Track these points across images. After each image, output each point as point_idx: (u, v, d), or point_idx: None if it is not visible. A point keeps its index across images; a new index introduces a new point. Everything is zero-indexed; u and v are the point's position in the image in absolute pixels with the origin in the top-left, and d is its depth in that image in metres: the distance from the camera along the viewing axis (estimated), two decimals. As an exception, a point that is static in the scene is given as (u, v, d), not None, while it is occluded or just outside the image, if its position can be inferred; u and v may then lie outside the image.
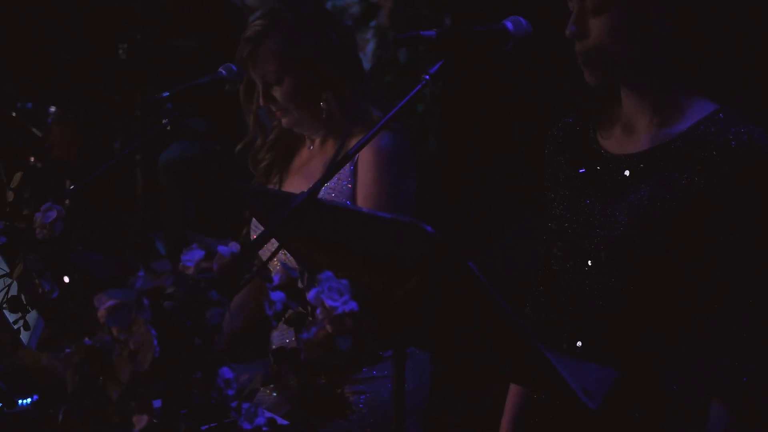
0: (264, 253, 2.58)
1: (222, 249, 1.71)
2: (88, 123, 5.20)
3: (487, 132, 5.17)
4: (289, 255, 2.40)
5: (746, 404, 2.05)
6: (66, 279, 2.32)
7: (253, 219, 2.89)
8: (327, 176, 1.80)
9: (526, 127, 5.02)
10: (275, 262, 2.47)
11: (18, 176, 2.36)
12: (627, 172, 2.18)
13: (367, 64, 5.31)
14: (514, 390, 2.40)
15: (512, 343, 1.68)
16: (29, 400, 2.30)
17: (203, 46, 5.31)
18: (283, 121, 2.86)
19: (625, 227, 2.13)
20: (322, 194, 1.81)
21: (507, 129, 5.13)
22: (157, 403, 1.62)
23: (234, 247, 1.72)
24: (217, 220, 5.58)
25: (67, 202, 4.60)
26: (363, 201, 2.73)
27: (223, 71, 2.72)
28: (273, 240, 2.00)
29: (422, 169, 4.82)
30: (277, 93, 2.81)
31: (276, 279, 1.73)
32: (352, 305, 1.65)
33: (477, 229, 5.30)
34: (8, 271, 2.36)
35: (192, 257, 1.72)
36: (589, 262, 2.17)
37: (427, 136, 5.09)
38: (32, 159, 4.91)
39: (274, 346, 2.88)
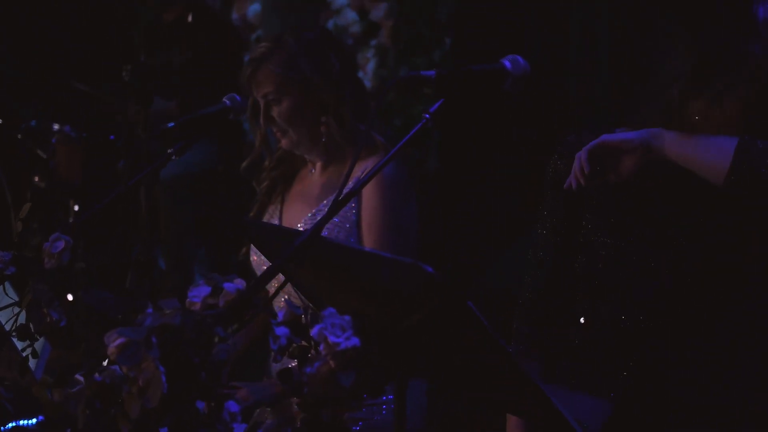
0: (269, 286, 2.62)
1: (228, 286, 1.76)
2: (92, 142, 5.23)
3: (487, 149, 5.21)
4: (293, 290, 2.44)
5: None
6: (70, 297, 2.36)
7: (254, 242, 2.94)
8: (331, 214, 1.86)
9: (527, 144, 5.06)
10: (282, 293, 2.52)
11: (26, 207, 2.40)
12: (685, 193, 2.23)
13: (367, 83, 5.35)
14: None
15: (510, 378, 1.72)
16: (34, 420, 2.35)
17: (195, 59, 5.37)
18: (283, 142, 2.92)
19: (690, 247, 2.20)
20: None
21: (508, 148, 5.17)
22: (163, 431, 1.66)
23: (239, 283, 1.77)
24: (218, 235, 5.62)
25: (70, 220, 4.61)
26: (368, 228, 2.79)
27: (227, 101, 2.78)
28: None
29: (422, 187, 4.85)
30: (276, 114, 2.87)
31: (280, 315, 1.78)
32: (355, 341, 1.70)
33: (477, 245, 5.33)
34: (17, 299, 2.40)
35: (198, 293, 1.77)
36: (651, 280, 2.24)
37: (427, 156, 5.13)
38: (36, 179, 4.94)
39: (273, 366, 2.92)
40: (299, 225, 2.89)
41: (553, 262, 2.39)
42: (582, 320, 2.32)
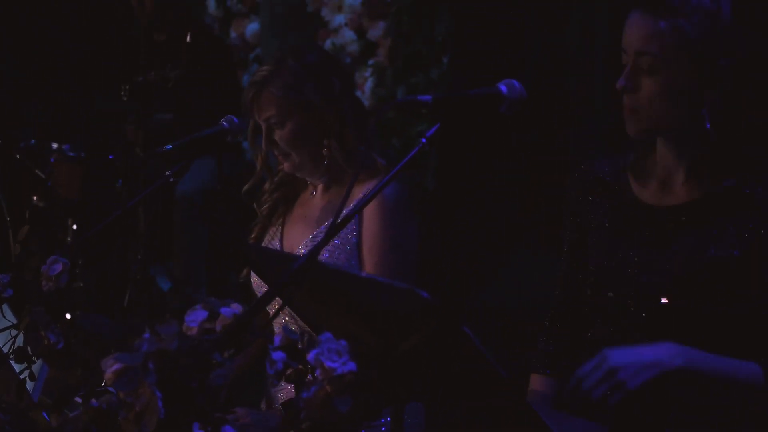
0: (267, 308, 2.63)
1: (225, 311, 1.76)
2: (91, 161, 5.25)
3: (486, 154, 5.20)
4: (291, 314, 2.45)
5: None
6: (68, 316, 2.37)
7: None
8: (328, 237, 1.86)
9: (526, 146, 5.08)
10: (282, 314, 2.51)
11: (25, 229, 2.40)
12: (672, 223, 2.25)
13: (365, 102, 5.35)
14: None
15: (506, 402, 1.73)
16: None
17: (188, 75, 5.39)
18: (285, 165, 2.91)
19: (673, 276, 2.20)
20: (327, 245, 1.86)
21: (507, 151, 5.17)
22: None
23: (236, 308, 1.77)
24: (225, 254, 5.62)
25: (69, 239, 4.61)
26: (369, 251, 2.79)
27: (225, 123, 2.78)
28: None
29: (420, 206, 4.84)
30: (278, 137, 2.87)
31: (277, 340, 1.78)
32: (351, 366, 1.70)
33: (476, 262, 5.33)
34: (15, 321, 2.41)
35: (195, 318, 1.77)
36: (632, 308, 2.25)
37: (425, 175, 5.13)
38: (35, 198, 4.95)
39: (271, 391, 2.93)
40: (300, 247, 2.89)
41: (573, 284, 2.41)
42: (587, 322, 2.35)
